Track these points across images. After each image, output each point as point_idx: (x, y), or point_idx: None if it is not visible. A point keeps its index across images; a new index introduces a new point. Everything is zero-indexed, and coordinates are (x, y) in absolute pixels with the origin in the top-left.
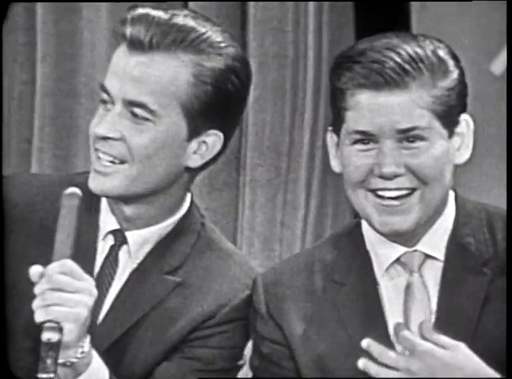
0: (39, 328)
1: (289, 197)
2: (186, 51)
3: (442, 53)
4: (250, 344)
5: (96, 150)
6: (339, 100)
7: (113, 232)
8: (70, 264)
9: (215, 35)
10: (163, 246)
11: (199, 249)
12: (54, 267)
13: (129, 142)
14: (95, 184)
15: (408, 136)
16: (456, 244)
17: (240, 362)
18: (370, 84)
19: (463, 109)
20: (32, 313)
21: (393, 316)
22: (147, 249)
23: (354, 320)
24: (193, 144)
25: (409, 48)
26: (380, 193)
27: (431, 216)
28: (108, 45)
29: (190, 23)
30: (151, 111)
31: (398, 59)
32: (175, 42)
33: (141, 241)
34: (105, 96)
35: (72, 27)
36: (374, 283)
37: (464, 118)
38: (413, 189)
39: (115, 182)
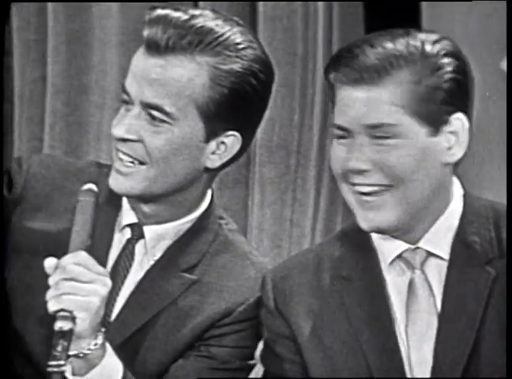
0: (53, 319)
1: (298, 194)
2: (203, 54)
3: (432, 49)
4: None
5: (117, 150)
6: (330, 95)
7: (131, 225)
8: (84, 254)
9: (234, 36)
10: (181, 244)
11: (216, 248)
12: (68, 258)
13: (147, 144)
14: (115, 183)
15: (377, 132)
16: (461, 242)
17: (253, 362)
18: (348, 81)
19: (458, 108)
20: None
21: (397, 312)
22: (164, 245)
23: (360, 316)
24: (212, 145)
25: (390, 44)
26: (356, 187)
27: (417, 214)
28: (119, 42)
29: (209, 24)
30: (167, 114)
31: (375, 56)
32: (192, 44)
33: (158, 236)
34: (126, 97)
35: (83, 24)
36: (381, 280)
37: (458, 116)
38: (388, 186)
39: (134, 183)
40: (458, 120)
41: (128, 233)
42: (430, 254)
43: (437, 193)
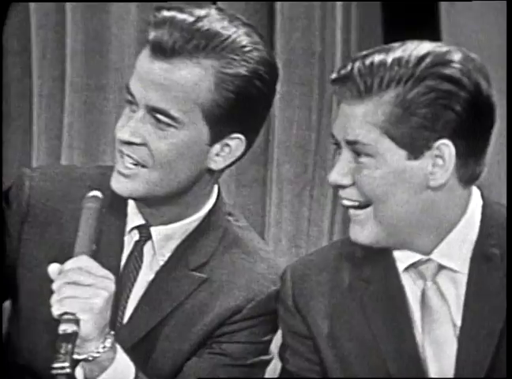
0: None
1: (316, 193)
2: (209, 57)
3: (423, 72)
4: (278, 336)
5: (121, 152)
6: None
7: (138, 227)
8: (86, 259)
9: (240, 38)
10: (189, 242)
11: (225, 245)
12: (70, 263)
13: (151, 147)
14: (117, 185)
15: (355, 149)
16: (480, 255)
17: (267, 357)
18: (340, 95)
19: (445, 134)
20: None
21: (415, 321)
22: (172, 245)
23: (379, 319)
24: (216, 148)
25: (384, 62)
26: (342, 200)
27: (407, 231)
28: (137, 41)
29: (215, 27)
30: (173, 118)
31: (365, 73)
32: (198, 48)
33: (166, 236)
34: (130, 98)
35: (101, 23)
36: (399, 284)
37: (444, 142)
38: (366, 204)
39: (136, 185)
40: (444, 146)
41: (136, 235)
42: (442, 267)
43: (430, 210)
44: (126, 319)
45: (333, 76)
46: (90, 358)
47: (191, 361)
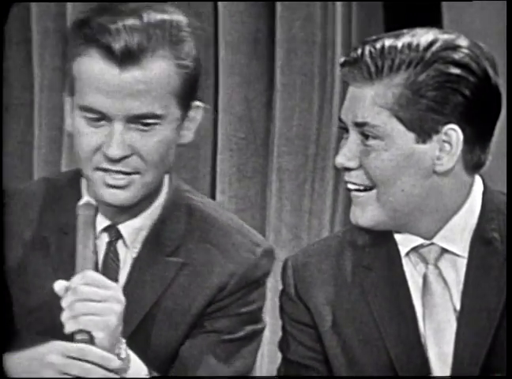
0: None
1: (317, 184)
2: (166, 47)
3: (433, 56)
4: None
5: (104, 169)
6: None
7: (106, 229)
8: (92, 273)
9: (180, 17)
10: (156, 231)
11: (195, 225)
12: (77, 279)
13: (142, 154)
14: (113, 197)
15: (364, 131)
16: (480, 240)
17: (261, 325)
18: (349, 78)
19: (453, 119)
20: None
21: (416, 306)
22: (142, 237)
23: (381, 306)
24: (186, 124)
25: (393, 46)
26: (347, 184)
27: (408, 216)
28: None
29: (161, 17)
30: (158, 116)
31: (376, 56)
32: (158, 42)
33: (135, 230)
34: (96, 115)
35: None
36: (402, 270)
37: (452, 127)
38: (370, 187)
39: (132, 193)
40: (452, 131)
41: (106, 237)
42: (444, 250)
43: (434, 195)
44: None
45: (343, 59)
46: None
47: (186, 344)
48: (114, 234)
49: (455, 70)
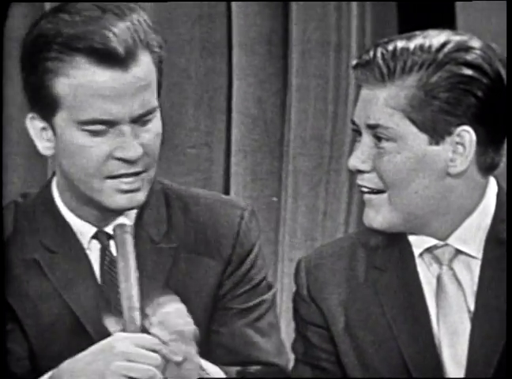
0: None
1: (332, 186)
2: (143, 45)
3: (446, 57)
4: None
5: (120, 176)
6: None
7: (94, 236)
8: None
9: (144, 17)
10: (141, 222)
11: (176, 208)
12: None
13: (148, 149)
14: (127, 202)
15: (377, 133)
16: (494, 241)
17: (274, 290)
18: (361, 80)
19: (466, 120)
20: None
21: (429, 306)
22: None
23: (394, 307)
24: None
25: (406, 47)
26: (360, 187)
27: (421, 218)
28: None
29: (130, 11)
30: (155, 109)
31: (388, 58)
32: (136, 42)
33: (122, 227)
34: (96, 127)
35: None
36: (415, 271)
37: (465, 129)
38: (382, 190)
39: (143, 193)
40: (465, 132)
41: (97, 244)
42: (459, 252)
43: (448, 197)
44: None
45: (356, 61)
46: None
47: (221, 330)
48: (105, 239)
49: (468, 71)
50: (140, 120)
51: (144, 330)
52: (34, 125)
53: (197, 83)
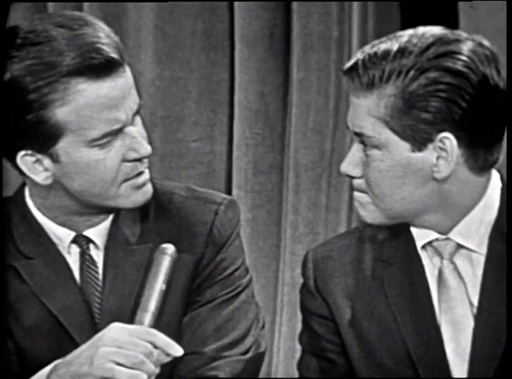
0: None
1: (334, 179)
2: (122, 53)
3: (428, 63)
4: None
5: (135, 176)
6: None
7: (73, 241)
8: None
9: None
10: (116, 224)
11: (150, 207)
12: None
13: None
14: (145, 196)
15: (363, 140)
16: (498, 235)
17: (249, 276)
18: (349, 87)
19: (447, 127)
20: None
21: (434, 297)
22: (106, 234)
23: (400, 299)
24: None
25: (391, 53)
26: (353, 191)
27: (409, 217)
28: (154, 26)
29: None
30: (140, 107)
31: (372, 65)
32: (118, 49)
33: (100, 230)
34: (106, 140)
35: (117, 8)
36: (420, 264)
37: (446, 136)
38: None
39: (150, 183)
40: (446, 139)
41: (76, 247)
42: (460, 246)
43: (437, 198)
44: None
45: (344, 67)
46: None
47: (185, 318)
48: (83, 242)
49: (448, 79)
50: (135, 115)
51: None
52: (25, 162)
53: (199, 77)
